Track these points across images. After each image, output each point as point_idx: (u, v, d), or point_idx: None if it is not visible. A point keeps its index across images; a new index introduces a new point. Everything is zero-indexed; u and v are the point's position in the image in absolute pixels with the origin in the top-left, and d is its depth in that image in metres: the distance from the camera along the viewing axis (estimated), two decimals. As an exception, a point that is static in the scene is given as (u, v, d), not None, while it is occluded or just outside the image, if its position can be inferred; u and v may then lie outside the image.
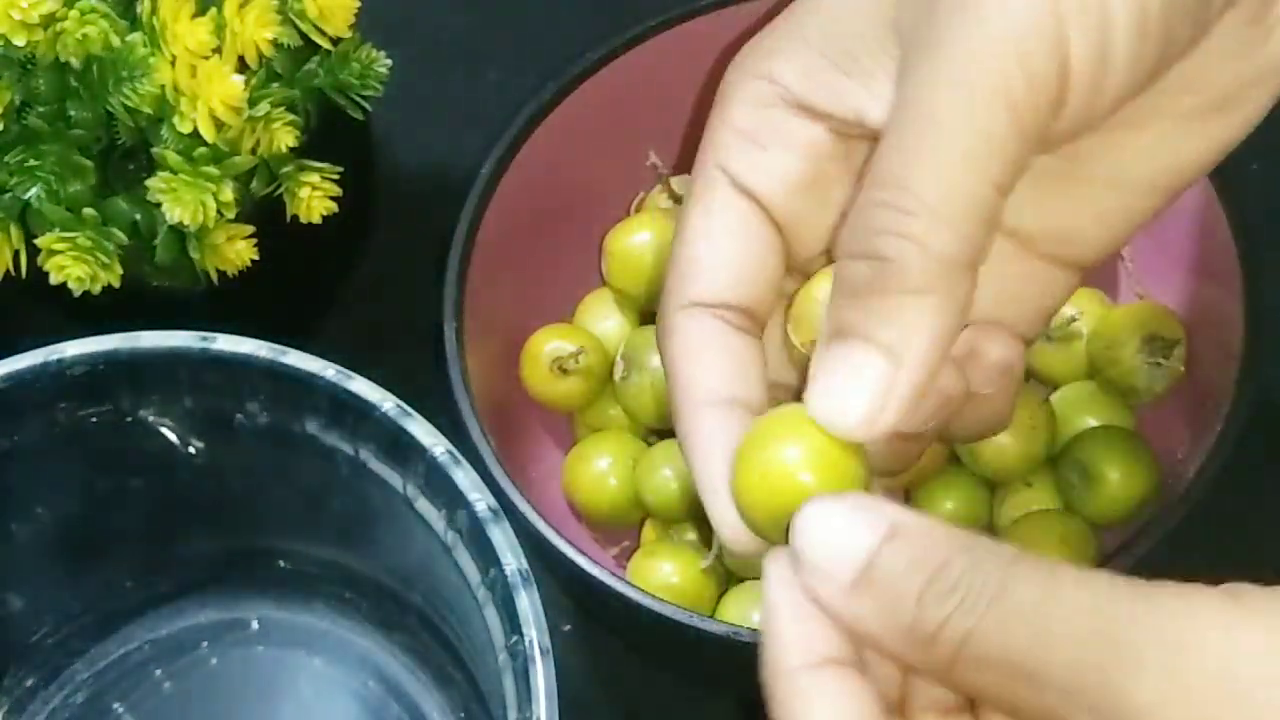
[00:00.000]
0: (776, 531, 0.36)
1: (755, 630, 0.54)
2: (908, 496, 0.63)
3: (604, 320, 0.65)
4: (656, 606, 0.53)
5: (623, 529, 0.62)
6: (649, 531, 0.62)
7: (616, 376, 0.62)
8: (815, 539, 0.34)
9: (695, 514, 0.61)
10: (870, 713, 0.34)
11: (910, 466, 0.43)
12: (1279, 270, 0.59)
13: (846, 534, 0.33)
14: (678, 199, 0.65)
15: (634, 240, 0.64)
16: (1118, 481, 0.59)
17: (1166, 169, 0.42)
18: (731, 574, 0.62)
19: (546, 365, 0.62)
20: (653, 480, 0.60)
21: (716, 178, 0.42)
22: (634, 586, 0.54)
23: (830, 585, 0.34)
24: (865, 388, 0.35)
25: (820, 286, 0.42)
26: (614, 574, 0.54)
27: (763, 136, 0.42)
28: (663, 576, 0.59)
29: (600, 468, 0.61)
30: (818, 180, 0.42)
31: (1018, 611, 0.32)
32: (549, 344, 0.63)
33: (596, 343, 0.63)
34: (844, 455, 0.36)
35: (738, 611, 0.59)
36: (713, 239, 0.41)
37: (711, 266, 0.41)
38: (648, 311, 0.65)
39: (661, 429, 0.64)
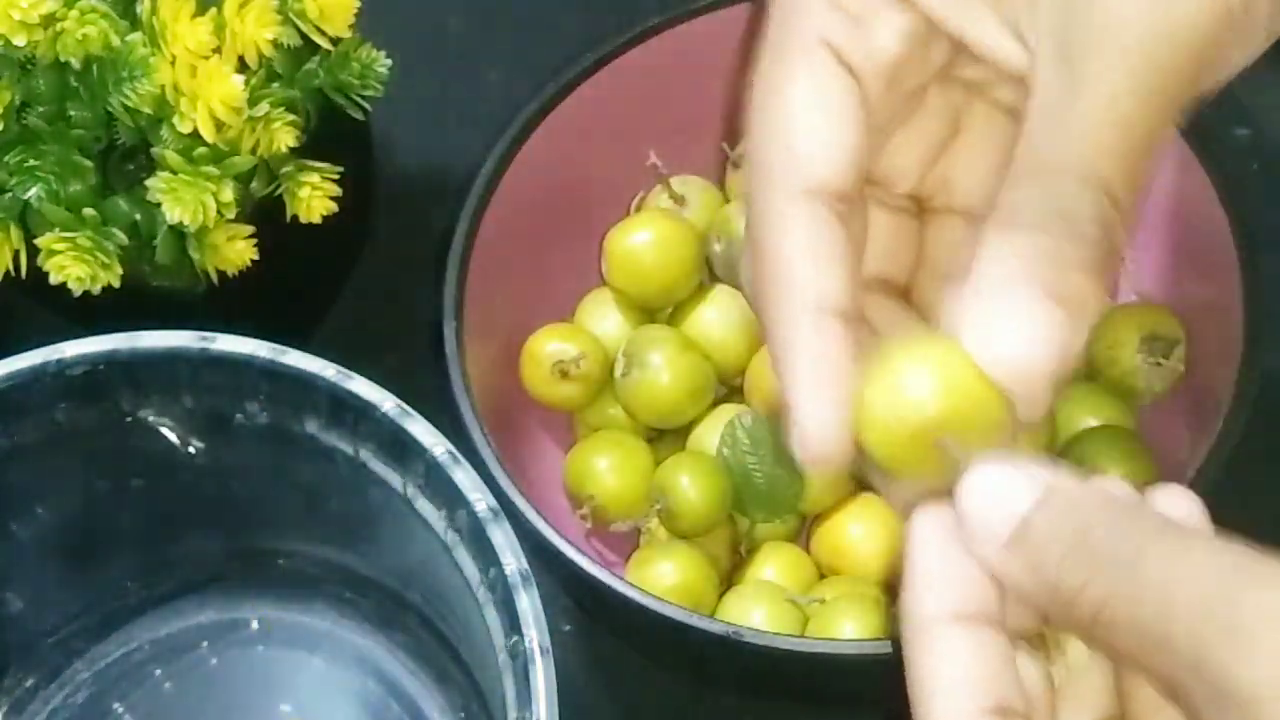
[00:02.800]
0: (901, 459, 0.37)
1: (758, 630, 0.55)
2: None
3: (604, 320, 0.65)
4: (656, 606, 0.53)
5: (623, 528, 0.62)
6: (649, 531, 0.62)
7: (617, 374, 0.62)
8: (978, 500, 0.35)
9: (718, 521, 0.61)
10: (998, 672, 0.35)
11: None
12: (1279, 270, 0.59)
13: (1008, 495, 0.35)
14: (678, 199, 0.65)
15: (634, 240, 0.64)
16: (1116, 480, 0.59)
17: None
18: (731, 574, 0.62)
19: (547, 367, 0.62)
20: (675, 494, 0.60)
21: (816, 48, 0.38)
22: (633, 586, 0.55)
23: (988, 543, 0.35)
24: (1052, 338, 0.35)
25: None
26: (613, 574, 0.54)
27: (863, 13, 0.38)
28: (662, 576, 0.59)
29: (600, 466, 0.61)
30: (899, 72, 0.40)
31: (1147, 583, 0.33)
32: (549, 345, 0.63)
33: (596, 343, 0.63)
34: (995, 399, 0.36)
35: (737, 611, 0.59)
36: (828, 115, 0.38)
37: (827, 147, 0.38)
38: (648, 311, 0.65)
39: (661, 428, 0.64)
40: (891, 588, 0.60)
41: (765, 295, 0.38)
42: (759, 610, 0.58)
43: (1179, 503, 0.36)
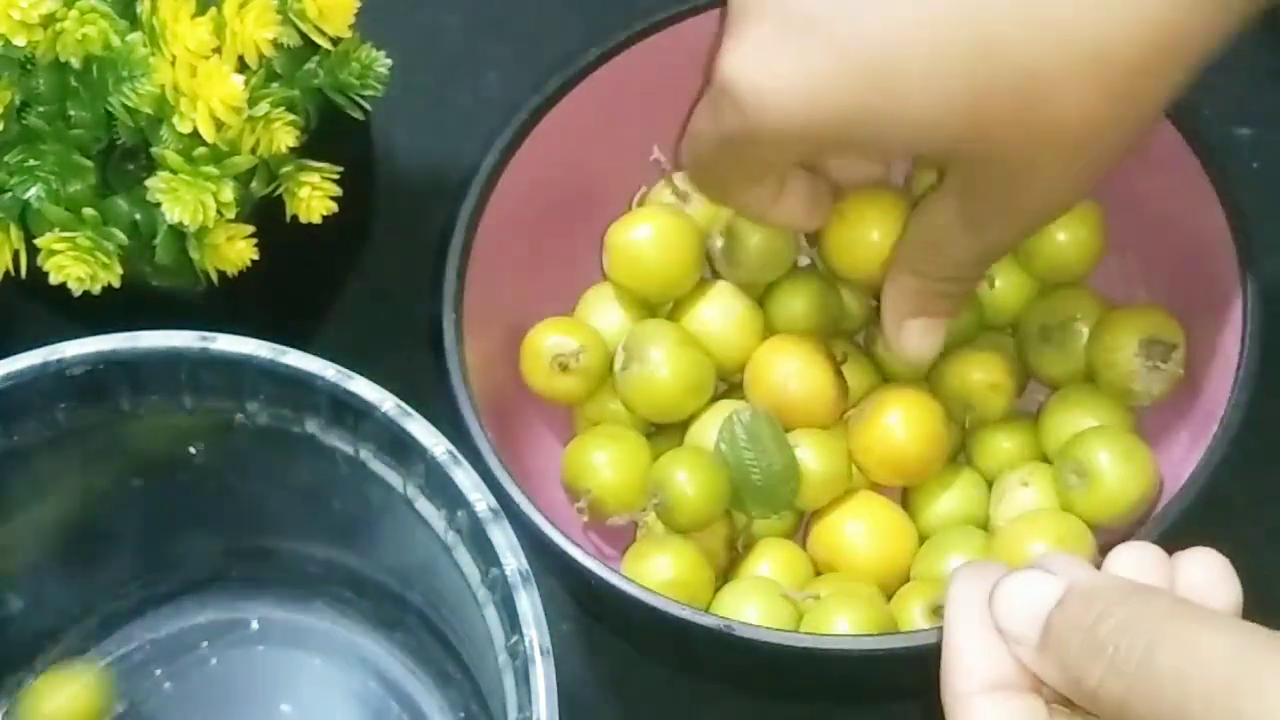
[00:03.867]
0: None
1: (750, 625, 0.55)
2: (907, 496, 0.63)
3: (605, 315, 0.65)
4: (650, 599, 0.53)
5: (620, 522, 0.62)
6: (645, 526, 0.62)
7: (617, 369, 0.62)
8: (1007, 607, 0.39)
9: (716, 517, 0.61)
10: None
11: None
12: (1279, 271, 0.59)
13: (1033, 599, 0.38)
14: (680, 194, 0.65)
15: (635, 235, 0.64)
16: (1115, 481, 0.59)
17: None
18: (727, 569, 0.62)
19: (547, 361, 0.62)
20: (673, 489, 0.60)
21: None
22: (628, 580, 0.55)
23: (1020, 646, 0.38)
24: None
25: None
26: (609, 567, 0.55)
27: None
28: (658, 570, 0.59)
29: (598, 460, 0.61)
30: None
31: (1161, 676, 0.35)
32: (550, 339, 0.63)
33: (597, 337, 0.63)
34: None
35: (732, 605, 0.59)
36: None
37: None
38: (648, 306, 0.65)
39: (660, 423, 0.64)
40: (886, 586, 0.61)
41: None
42: (753, 605, 0.58)
43: (1207, 565, 0.38)
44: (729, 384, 0.65)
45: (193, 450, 0.58)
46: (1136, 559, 0.39)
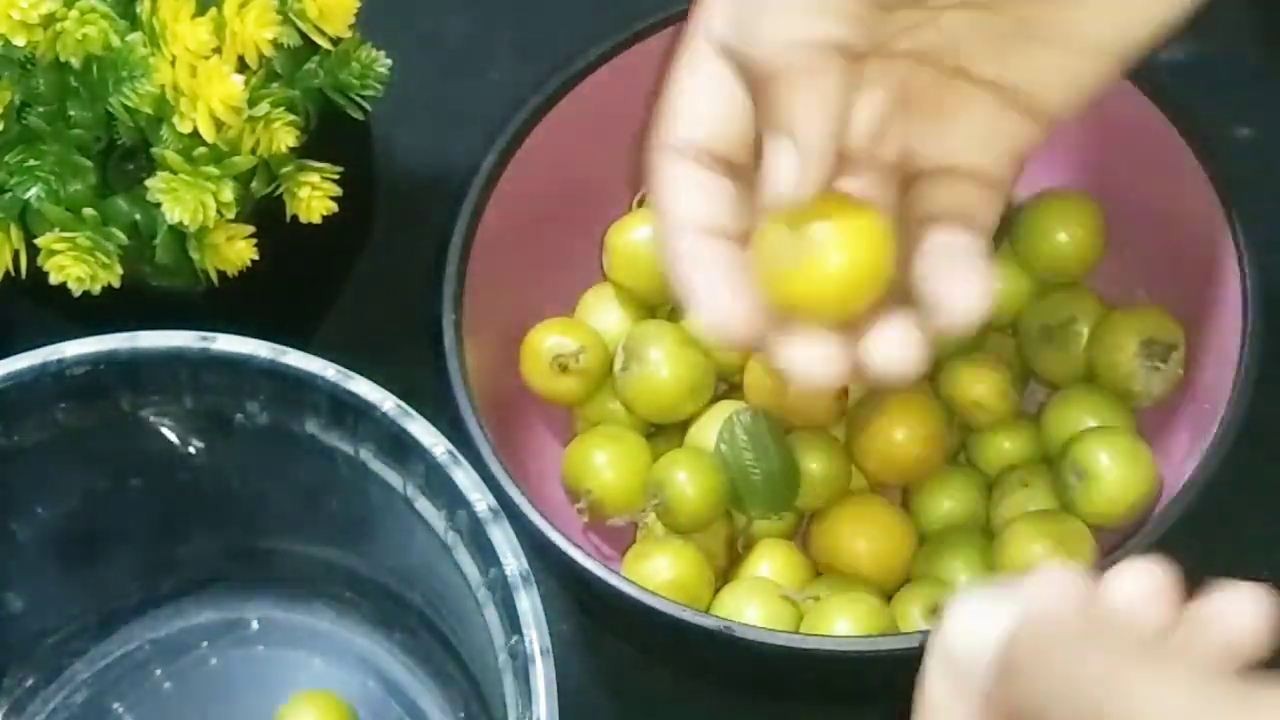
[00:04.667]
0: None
1: (750, 625, 0.55)
2: (907, 496, 0.63)
3: (604, 315, 0.65)
4: (649, 600, 0.53)
5: (619, 523, 0.62)
6: (645, 526, 0.62)
7: (617, 369, 0.62)
8: (957, 640, 0.38)
9: (715, 517, 0.61)
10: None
11: None
12: (1278, 271, 0.59)
13: (982, 631, 0.37)
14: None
15: (636, 236, 0.64)
16: (1115, 482, 0.59)
17: (1112, 33, 0.45)
18: (727, 570, 0.62)
19: (547, 361, 0.62)
20: (672, 489, 0.60)
21: (701, 41, 0.46)
22: (628, 581, 0.55)
23: (976, 681, 0.38)
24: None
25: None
26: (609, 568, 0.55)
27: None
28: (658, 571, 0.59)
29: (598, 461, 0.61)
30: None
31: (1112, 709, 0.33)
32: (549, 339, 0.63)
33: (596, 338, 0.63)
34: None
35: (732, 606, 0.59)
36: (695, 93, 0.46)
37: (693, 116, 0.46)
38: (648, 306, 0.65)
39: (661, 423, 0.64)
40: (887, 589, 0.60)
41: (659, 216, 0.46)
42: (753, 606, 0.58)
43: (1242, 606, 0.36)
44: (729, 384, 0.65)
45: (193, 450, 0.58)
46: (1137, 585, 0.37)
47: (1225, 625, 0.35)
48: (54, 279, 0.57)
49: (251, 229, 0.59)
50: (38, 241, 0.57)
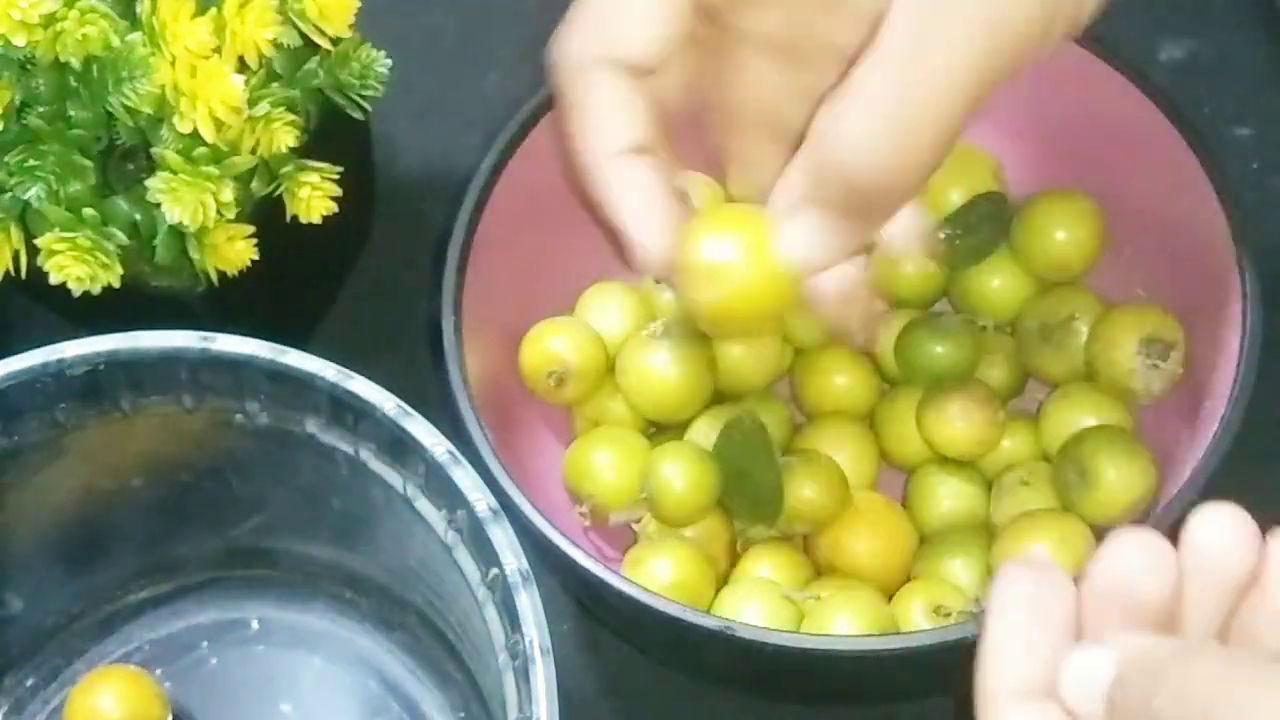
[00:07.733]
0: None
1: (750, 626, 0.55)
2: (907, 496, 0.63)
3: (604, 315, 0.65)
4: (650, 601, 0.53)
5: (619, 521, 0.62)
6: (646, 527, 0.62)
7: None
8: (1072, 688, 0.37)
9: (704, 511, 0.61)
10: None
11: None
12: (1278, 270, 0.59)
13: (1094, 673, 0.37)
14: (680, 194, 0.65)
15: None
16: (1115, 481, 0.59)
17: None
18: (728, 572, 0.62)
19: (543, 374, 0.62)
20: (658, 480, 0.60)
21: None
22: (629, 581, 0.54)
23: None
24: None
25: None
26: (610, 569, 0.54)
27: None
28: (658, 572, 0.59)
29: (599, 463, 0.61)
30: None
31: None
32: (544, 348, 0.62)
33: (596, 338, 0.63)
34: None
35: (732, 606, 0.59)
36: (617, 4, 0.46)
37: (615, 33, 0.46)
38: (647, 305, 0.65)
39: (661, 422, 0.64)
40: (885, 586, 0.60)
41: (585, 141, 0.46)
42: (753, 606, 0.58)
43: None
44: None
45: (193, 450, 0.58)
46: (1137, 554, 0.38)
47: None
48: (54, 279, 0.57)
49: (251, 229, 0.59)
50: (38, 241, 0.57)
